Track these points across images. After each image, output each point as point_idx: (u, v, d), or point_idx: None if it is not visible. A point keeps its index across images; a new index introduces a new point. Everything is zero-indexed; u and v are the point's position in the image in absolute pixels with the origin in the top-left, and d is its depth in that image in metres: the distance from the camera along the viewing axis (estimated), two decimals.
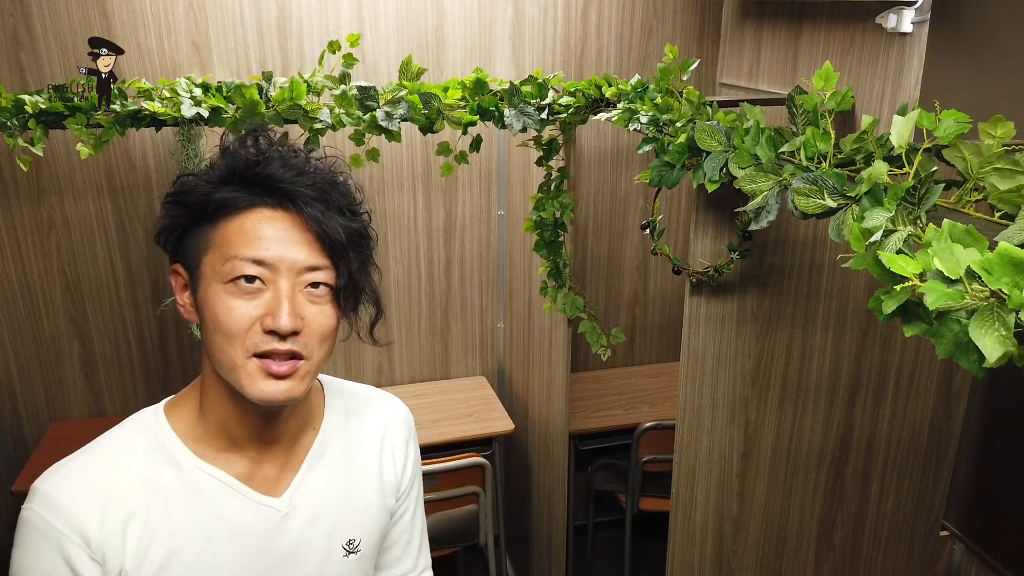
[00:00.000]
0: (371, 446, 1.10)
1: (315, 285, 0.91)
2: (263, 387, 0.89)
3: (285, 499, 1.00)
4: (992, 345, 0.79)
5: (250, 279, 0.88)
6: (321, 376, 1.10)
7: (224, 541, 0.95)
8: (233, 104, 1.77)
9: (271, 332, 0.87)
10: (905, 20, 1.95)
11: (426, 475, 2.31)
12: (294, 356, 0.90)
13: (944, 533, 2.14)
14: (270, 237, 0.88)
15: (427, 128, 1.87)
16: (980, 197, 1.10)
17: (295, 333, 0.89)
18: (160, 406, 1.00)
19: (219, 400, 0.95)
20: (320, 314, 0.91)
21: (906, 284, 0.90)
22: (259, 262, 0.88)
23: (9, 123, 1.70)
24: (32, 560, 0.88)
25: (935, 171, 1.09)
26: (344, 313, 0.95)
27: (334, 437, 1.06)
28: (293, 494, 1.01)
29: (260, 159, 0.91)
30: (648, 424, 2.60)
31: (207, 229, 0.91)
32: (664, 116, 1.66)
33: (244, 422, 0.96)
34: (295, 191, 0.89)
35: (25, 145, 1.72)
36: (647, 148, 1.64)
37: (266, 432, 0.98)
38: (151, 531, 0.92)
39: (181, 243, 0.93)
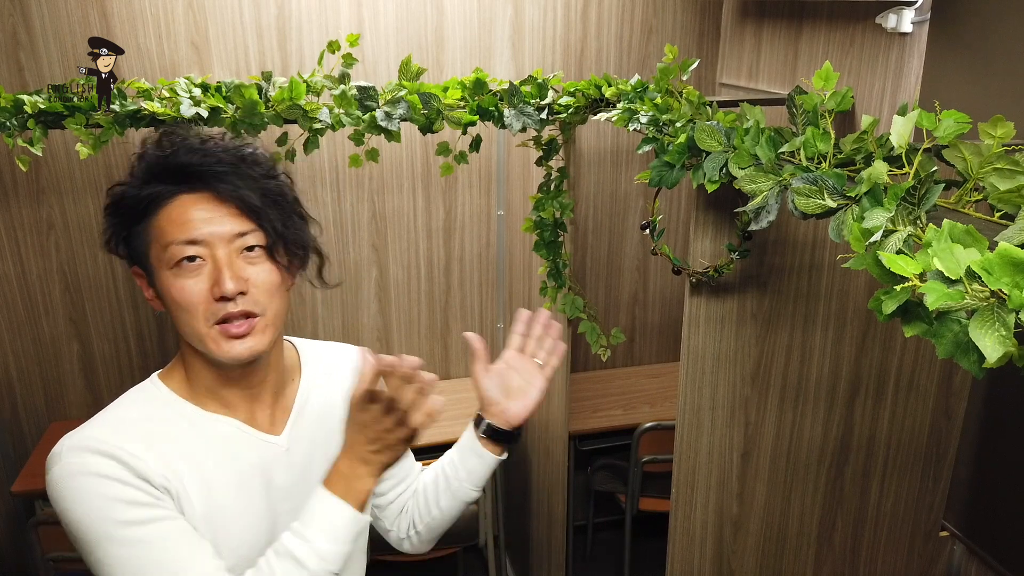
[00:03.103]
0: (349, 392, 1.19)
1: (250, 249, 1.01)
2: (228, 348, 1.00)
3: (284, 436, 1.11)
4: (992, 345, 0.79)
5: (191, 259, 0.98)
6: (295, 339, 1.22)
7: (234, 477, 1.04)
8: (232, 104, 1.77)
9: (221, 299, 0.98)
10: (905, 20, 1.95)
11: None
12: (249, 315, 1.00)
13: (944, 533, 2.14)
14: (197, 218, 0.99)
15: (427, 128, 1.87)
16: (980, 197, 1.10)
17: (242, 294, 0.99)
18: (154, 376, 1.10)
19: (201, 369, 1.06)
20: (261, 272, 1.01)
21: (906, 284, 0.90)
22: (192, 242, 0.98)
23: (8, 123, 1.69)
24: (82, 495, 0.93)
25: (935, 171, 1.08)
26: (284, 266, 1.04)
27: (315, 387, 1.17)
28: (290, 431, 1.11)
29: (168, 152, 1.01)
30: (648, 424, 2.60)
31: (144, 226, 1.01)
32: (664, 116, 1.66)
33: (227, 383, 1.07)
34: (206, 171, 0.99)
35: (24, 145, 1.72)
36: (647, 148, 1.64)
37: (250, 389, 1.08)
38: (167, 461, 0.99)
39: (129, 246, 1.03)
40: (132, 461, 0.96)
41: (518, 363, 1.26)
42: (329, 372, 1.20)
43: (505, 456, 1.22)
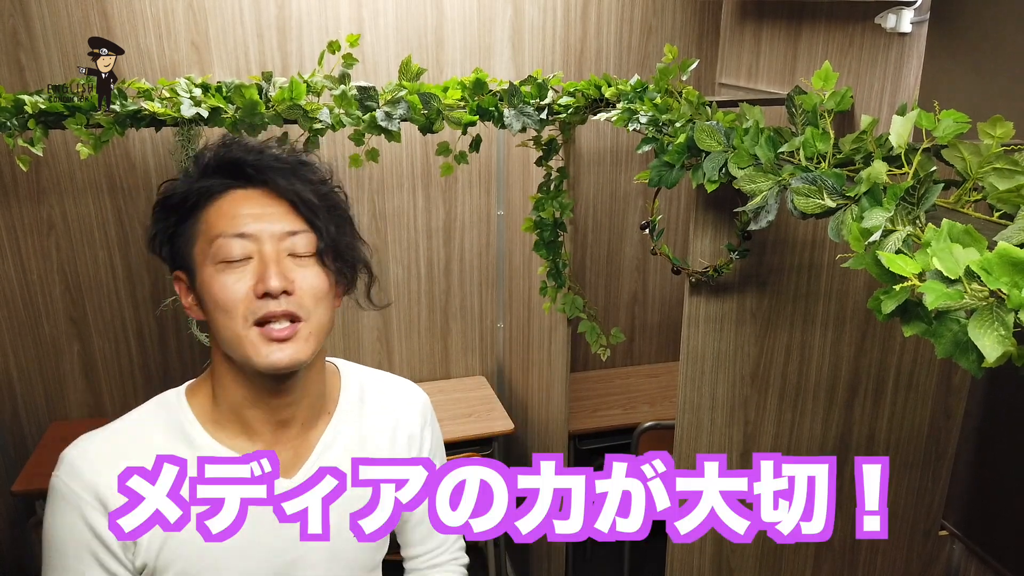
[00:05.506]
0: (384, 431, 1.13)
1: (299, 254, 0.96)
2: (267, 353, 0.93)
3: (297, 480, 1.03)
4: (991, 345, 0.80)
5: (237, 258, 0.94)
6: (339, 361, 1.15)
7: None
8: (233, 104, 1.78)
9: (264, 296, 0.93)
10: (904, 20, 1.95)
11: None
12: (292, 319, 0.94)
13: (943, 533, 2.14)
14: (248, 213, 0.95)
15: (427, 128, 1.87)
16: (979, 197, 1.10)
17: (287, 293, 0.93)
18: (182, 388, 1.05)
19: (231, 385, 1.00)
20: (308, 275, 0.96)
21: (905, 284, 0.90)
22: (241, 235, 0.94)
23: (9, 123, 1.70)
24: (58, 521, 0.96)
25: (934, 171, 1.09)
26: (333, 273, 0.99)
27: (347, 422, 1.10)
28: (305, 475, 1.04)
29: (224, 147, 0.99)
30: (647, 424, 2.60)
31: (192, 222, 0.97)
32: (663, 116, 1.66)
33: (256, 404, 1.00)
34: (263, 165, 0.96)
35: (25, 145, 1.72)
36: (646, 148, 1.65)
37: (279, 414, 1.02)
38: None
39: (174, 246, 0.99)
40: (106, 500, 0.95)
41: None
42: (377, 408, 1.14)
43: None
